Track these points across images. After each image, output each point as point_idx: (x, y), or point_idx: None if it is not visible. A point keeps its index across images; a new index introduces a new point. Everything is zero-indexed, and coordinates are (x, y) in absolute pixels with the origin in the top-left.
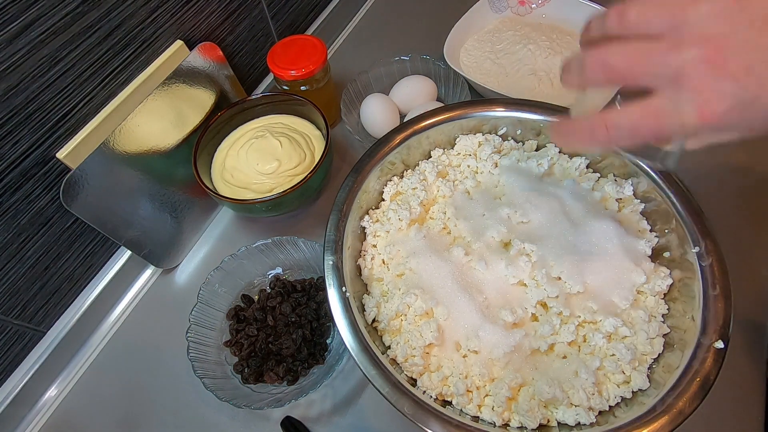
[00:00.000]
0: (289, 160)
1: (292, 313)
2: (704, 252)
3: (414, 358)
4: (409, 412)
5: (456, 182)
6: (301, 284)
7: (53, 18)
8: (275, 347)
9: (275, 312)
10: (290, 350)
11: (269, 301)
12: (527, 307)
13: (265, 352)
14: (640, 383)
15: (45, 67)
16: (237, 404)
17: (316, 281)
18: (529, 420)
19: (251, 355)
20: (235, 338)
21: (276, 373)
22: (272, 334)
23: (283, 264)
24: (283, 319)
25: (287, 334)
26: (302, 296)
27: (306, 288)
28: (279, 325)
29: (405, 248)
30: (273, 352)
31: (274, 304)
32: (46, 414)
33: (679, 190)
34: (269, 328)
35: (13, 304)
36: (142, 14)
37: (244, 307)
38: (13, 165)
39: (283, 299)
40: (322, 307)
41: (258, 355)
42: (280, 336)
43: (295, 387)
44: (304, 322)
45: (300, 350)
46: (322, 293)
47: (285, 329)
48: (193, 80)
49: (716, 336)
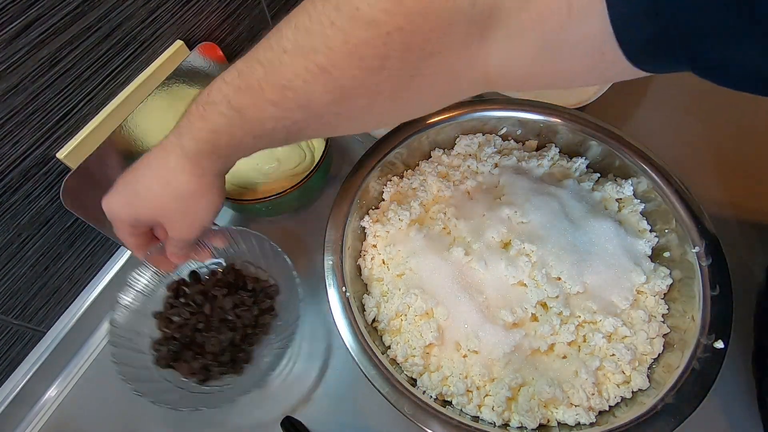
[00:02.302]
0: (289, 160)
1: (231, 311)
2: (704, 252)
3: (414, 358)
4: (409, 412)
5: (456, 182)
6: (254, 284)
7: (53, 18)
8: (200, 339)
9: (215, 303)
10: (214, 348)
11: (215, 288)
12: (527, 307)
13: (189, 339)
14: (640, 383)
15: (45, 67)
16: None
17: (270, 287)
18: (529, 420)
19: (173, 338)
20: (167, 312)
21: (189, 366)
22: (204, 324)
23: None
24: (220, 313)
25: (218, 330)
26: (249, 297)
27: (257, 290)
28: (214, 318)
29: (405, 248)
30: (197, 343)
31: (219, 293)
32: (46, 414)
33: (679, 190)
34: (203, 317)
35: (13, 304)
36: (142, 14)
37: (189, 283)
38: (13, 165)
39: (229, 292)
40: (264, 317)
41: (180, 341)
42: (210, 329)
43: (200, 391)
44: (238, 326)
45: (223, 353)
46: (270, 301)
47: (218, 325)
48: (194, 80)
49: (716, 336)
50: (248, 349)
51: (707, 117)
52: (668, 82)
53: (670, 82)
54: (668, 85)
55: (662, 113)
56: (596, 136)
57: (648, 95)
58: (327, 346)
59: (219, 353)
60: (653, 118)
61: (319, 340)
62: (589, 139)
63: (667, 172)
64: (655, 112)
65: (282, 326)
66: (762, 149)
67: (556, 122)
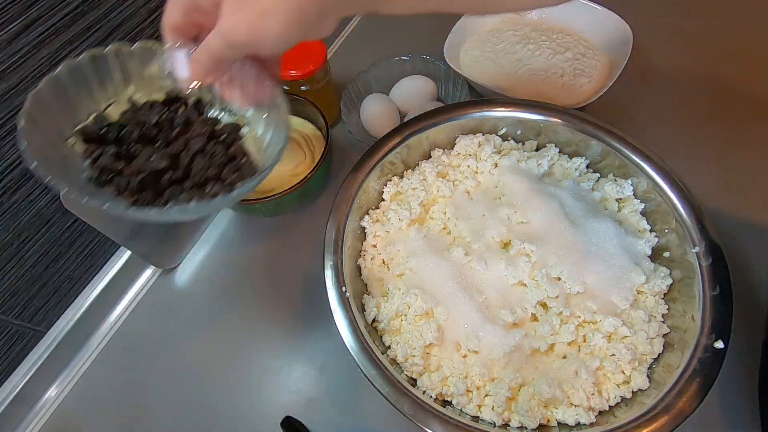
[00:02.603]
0: (289, 160)
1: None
2: (704, 252)
3: (414, 358)
4: (409, 412)
5: (456, 182)
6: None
7: (53, 18)
8: (135, 149)
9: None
10: (139, 164)
11: (196, 136)
12: (527, 307)
13: (131, 140)
14: (640, 383)
15: (45, 67)
16: None
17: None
18: (529, 420)
19: (121, 126)
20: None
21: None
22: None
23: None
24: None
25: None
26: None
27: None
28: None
29: (405, 248)
30: (129, 148)
31: (197, 133)
32: (46, 414)
33: (679, 190)
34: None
35: (13, 304)
36: (142, 14)
37: (188, 107)
38: (13, 165)
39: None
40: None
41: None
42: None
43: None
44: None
45: (144, 176)
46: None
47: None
48: None
49: (716, 336)
50: (165, 198)
51: (707, 117)
52: (668, 83)
53: (671, 82)
54: (668, 85)
55: (662, 113)
56: (596, 136)
57: (648, 95)
58: (327, 346)
59: (136, 173)
60: (653, 118)
61: (319, 340)
62: (589, 139)
63: (667, 172)
64: (655, 112)
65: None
66: (762, 149)
67: (556, 122)
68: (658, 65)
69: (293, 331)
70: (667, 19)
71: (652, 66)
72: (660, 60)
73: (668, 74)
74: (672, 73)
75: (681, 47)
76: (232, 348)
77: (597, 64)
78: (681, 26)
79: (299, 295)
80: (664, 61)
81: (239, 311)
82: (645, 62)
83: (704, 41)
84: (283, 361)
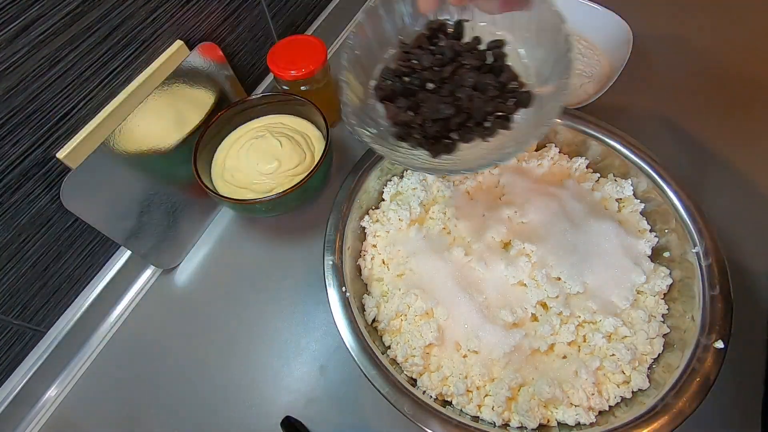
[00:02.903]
0: (289, 160)
1: (466, 89)
2: (704, 252)
3: (414, 358)
4: (409, 412)
5: (456, 182)
6: (509, 78)
7: (53, 18)
8: (422, 96)
9: (458, 71)
10: (426, 114)
11: (468, 55)
12: (527, 307)
13: (411, 89)
14: (640, 383)
15: (45, 67)
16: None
17: (521, 93)
18: (529, 420)
19: (400, 77)
20: (411, 48)
21: (396, 113)
22: (434, 84)
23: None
24: (455, 83)
25: (441, 100)
26: (494, 88)
27: (506, 87)
28: (447, 85)
29: (405, 248)
30: (416, 97)
31: (468, 62)
32: (46, 414)
33: (679, 190)
34: (437, 76)
35: (13, 304)
36: (142, 14)
37: (448, 33)
38: (13, 165)
39: (479, 68)
40: (494, 120)
41: (404, 84)
42: (436, 93)
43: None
44: (463, 109)
45: (431, 125)
46: (510, 107)
47: (446, 94)
48: (193, 80)
49: (716, 336)
50: (455, 140)
51: (707, 116)
52: (668, 83)
53: (671, 82)
54: (668, 85)
55: (662, 113)
56: (596, 136)
57: (648, 95)
58: (327, 346)
59: (427, 124)
60: (653, 118)
61: (319, 340)
62: (589, 139)
63: (667, 172)
64: (655, 111)
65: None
66: (762, 148)
67: (556, 122)
68: (658, 65)
69: (293, 331)
70: (667, 19)
71: (652, 66)
72: (660, 60)
73: (668, 74)
74: (672, 73)
75: (681, 47)
76: (231, 348)
77: (597, 64)
78: (681, 26)
79: (299, 295)
80: (664, 61)
81: (239, 311)
82: (645, 62)
83: (704, 41)
84: (283, 361)
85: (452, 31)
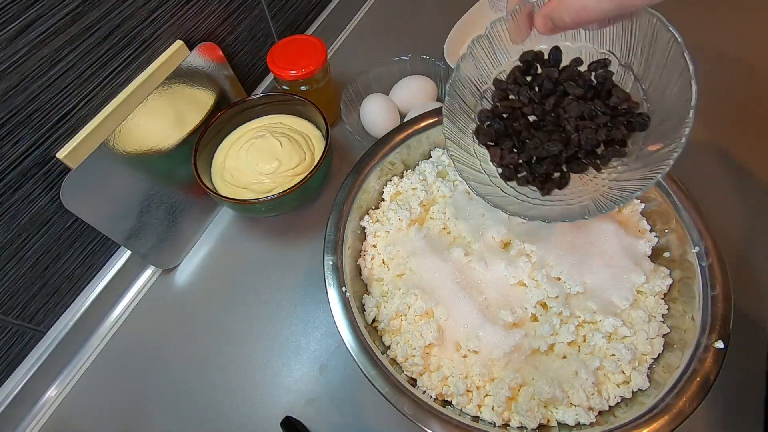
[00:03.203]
0: (289, 160)
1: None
2: (704, 252)
3: (414, 358)
4: (409, 412)
5: (456, 182)
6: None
7: (53, 18)
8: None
9: (561, 101)
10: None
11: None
12: (527, 307)
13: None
14: (640, 383)
15: (45, 67)
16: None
17: (637, 116)
18: (529, 420)
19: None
20: (507, 84)
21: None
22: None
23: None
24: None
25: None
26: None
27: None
28: (550, 117)
29: (405, 248)
30: (520, 135)
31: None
32: (46, 414)
33: (679, 190)
34: (539, 110)
35: (13, 304)
36: (142, 14)
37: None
38: (13, 165)
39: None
40: (607, 148)
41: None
42: (540, 129)
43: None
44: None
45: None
46: (626, 133)
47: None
48: (193, 80)
49: (716, 336)
50: (566, 175)
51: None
52: None
53: None
54: None
55: None
56: None
57: None
58: (327, 346)
59: (535, 160)
60: None
61: (319, 340)
62: None
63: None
64: None
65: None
66: (762, 148)
67: None
68: None
69: (293, 331)
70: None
71: None
72: None
73: None
74: None
75: None
76: (232, 348)
77: None
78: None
79: (299, 295)
80: None
81: (239, 311)
82: None
83: (704, 41)
84: (283, 361)
85: (548, 58)
